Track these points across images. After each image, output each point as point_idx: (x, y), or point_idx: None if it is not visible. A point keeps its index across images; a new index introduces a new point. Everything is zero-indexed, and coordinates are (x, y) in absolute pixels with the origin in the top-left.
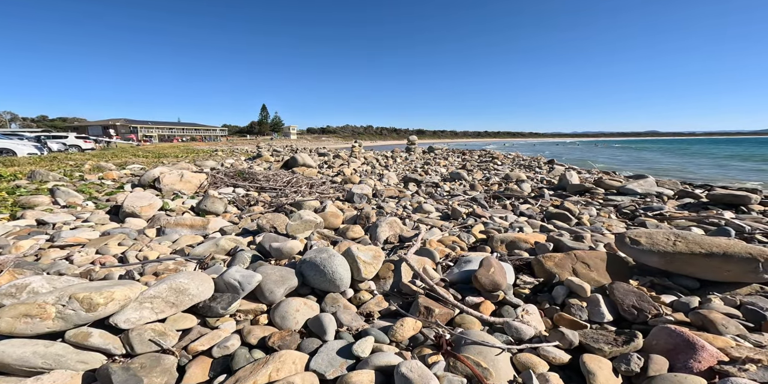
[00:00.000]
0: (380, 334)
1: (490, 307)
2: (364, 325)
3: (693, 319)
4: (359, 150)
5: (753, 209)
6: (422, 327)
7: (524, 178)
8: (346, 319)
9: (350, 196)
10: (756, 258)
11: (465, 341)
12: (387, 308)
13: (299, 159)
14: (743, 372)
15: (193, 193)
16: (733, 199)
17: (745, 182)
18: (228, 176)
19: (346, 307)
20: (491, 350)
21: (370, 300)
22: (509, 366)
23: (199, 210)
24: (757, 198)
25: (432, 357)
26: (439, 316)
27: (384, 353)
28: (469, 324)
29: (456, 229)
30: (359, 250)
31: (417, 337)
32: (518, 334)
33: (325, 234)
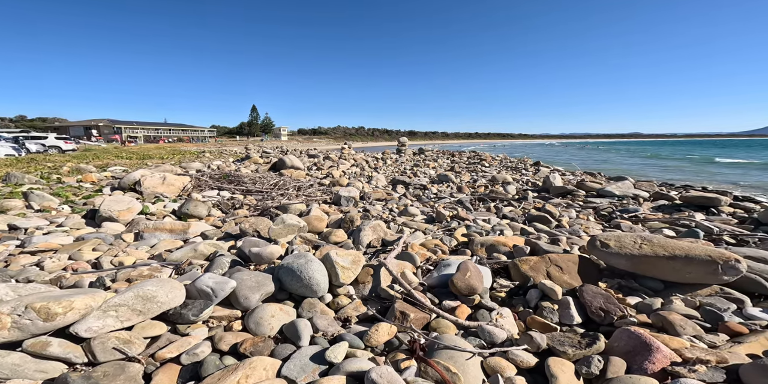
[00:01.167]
0: (355, 340)
1: (466, 310)
2: (341, 331)
3: (654, 320)
4: (349, 152)
5: (723, 211)
6: (397, 332)
7: (510, 181)
8: (322, 324)
9: (337, 199)
10: (715, 260)
11: (438, 346)
12: (365, 313)
13: (287, 161)
14: (693, 373)
15: (175, 196)
16: (705, 200)
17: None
18: (213, 179)
19: (324, 312)
20: (463, 354)
21: (348, 305)
22: (479, 370)
23: (180, 214)
24: (727, 200)
25: (405, 362)
26: (415, 320)
27: (357, 359)
28: (445, 328)
29: (439, 233)
30: (338, 255)
31: (392, 341)
32: (491, 337)
33: (307, 238)
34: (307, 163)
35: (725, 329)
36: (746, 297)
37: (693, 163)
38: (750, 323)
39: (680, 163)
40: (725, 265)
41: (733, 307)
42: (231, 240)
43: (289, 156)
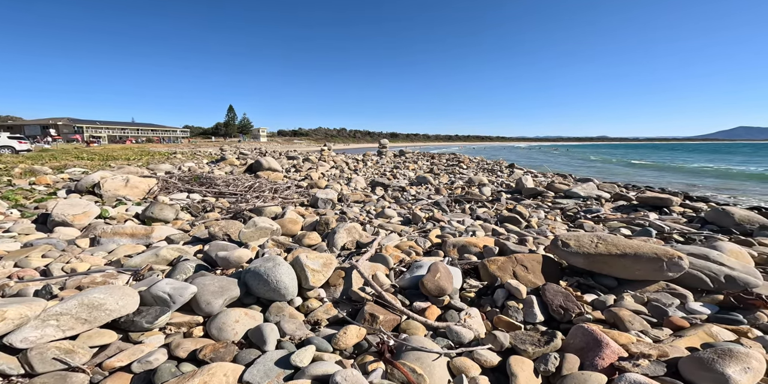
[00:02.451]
0: (323, 343)
1: (436, 311)
2: (309, 334)
3: (606, 316)
4: (329, 154)
5: (674, 210)
6: (367, 334)
7: (486, 182)
8: (289, 328)
9: (315, 201)
10: (661, 257)
11: (405, 347)
12: (335, 316)
13: (264, 163)
14: (636, 367)
15: (140, 199)
16: (658, 201)
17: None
18: (183, 181)
19: (292, 316)
20: (430, 355)
21: (318, 308)
22: (445, 370)
23: (145, 217)
24: (678, 200)
25: (372, 364)
26: (385, 322)
27: (323, 362)
28: (414, 329)
29: (415, 234)
30: (308, 258)
31: (361, 344)
32: (459, 338)
33: (280, 241)
34: (285, 164)
35: (669, 324)
36: (689, 292)
37: (615, 164)
38: (691, 317)
39: (607, 165)
40: (669, 262)
41: (677, 302)
42: (199, 244)
43: (267, 158)
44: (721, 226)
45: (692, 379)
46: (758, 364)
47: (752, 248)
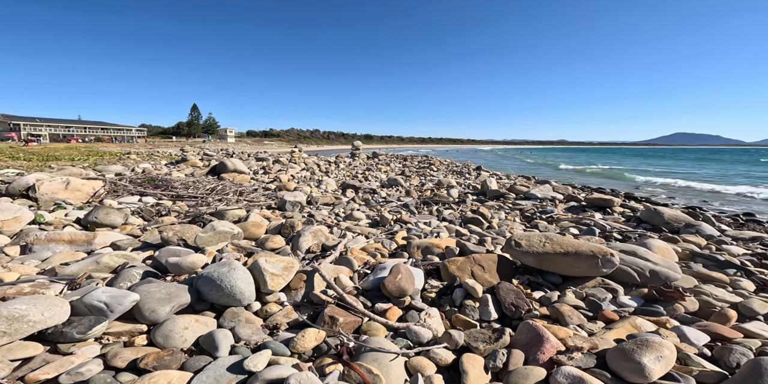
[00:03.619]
0: (280, 347)
1: (398, 312)
2: (266, 339)
3: (551, 312)
4: (299, 155)
5: (615, 210)
6: (327, 336)
7: (454, 184)
8: (245, 333)
9: (282, 204)
10: (596, 255)
11: (364, 349)
12: (296, 319)
13: (229, 164)
14: (570, 360)
15: (83, 203)
16: (602, 202)
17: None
18: (135, 183)
19: (249, 320)
20: (388, 356)
21: (278, 312)
22: (402, 370)
23: (88, 223)
24: (618, 201)
25: (330, 366)
26: (345, 324)
27: (278, 366)
28: (375, 331)
29: (382, 236)
30: (267, 261)
31: (321, 347)
32: (417, 337)
33: (241, 245)
34: (254, 166)
35: (602, 317)
36: (620, 286)
37: (544, 166)
38: (621, 310)
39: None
40: (603, 259)
41: (610, 296)
42: (150, 250)
43: (233, 159)
44: (653, 224)
45: (616, 369)
46: (669, 352)
47: (677, 245)
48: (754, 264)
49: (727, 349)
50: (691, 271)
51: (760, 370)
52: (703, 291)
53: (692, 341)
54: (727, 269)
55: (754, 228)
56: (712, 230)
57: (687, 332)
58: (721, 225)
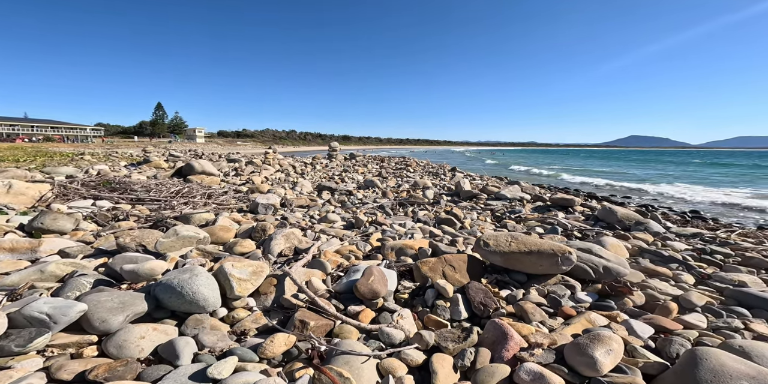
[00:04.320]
0: (248, 353)
1: (370, 314)
2: (233, 345)
3: (516, 309)
4: (274, 156)
5: (576, 210)
6: (297, 341)
7: (430, 185)
8: (210, 340)
9: (254, 207)
10: (556, 253)
11: (335, 352)
12: (265, 325)
13: (197, 166)
14: (532, 356)
15: (28, 207)
16: (565, 201)
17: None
18: (88, 186)
19: (214, 327)
20: (359, 358)
21: (246, 317)
22: (374, 372)
23: (33, 229)
24: (579, 200)
25: (300, 371)
26: (316, 328)
27: (245, 373)
28: (347, 333)
29: (357, 238)
30: (234, 266)
31: (291, 351)
32: (390, 339)
33: (207, 250)
34: (225, 168)
35: (562, 313)
36: (578, 283)
37: (497, 166)
38: (578, 306)
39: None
40: (563, 257)
41: (569, 293)
42: (104, 257)
43: (201, 160)
44: (609, 222)
45: (572, 363)
46: (618, 346)
47: (628, 241)
48: (694, 258)
49: (668, 341)
50: (640, 266)
51: (695, 359)
52: (649, 285)
53: (638, 334)
54: (670, 264)
55: (697, 224)
56: (659, 227)
57: (634, 325)
58: (666, 222)
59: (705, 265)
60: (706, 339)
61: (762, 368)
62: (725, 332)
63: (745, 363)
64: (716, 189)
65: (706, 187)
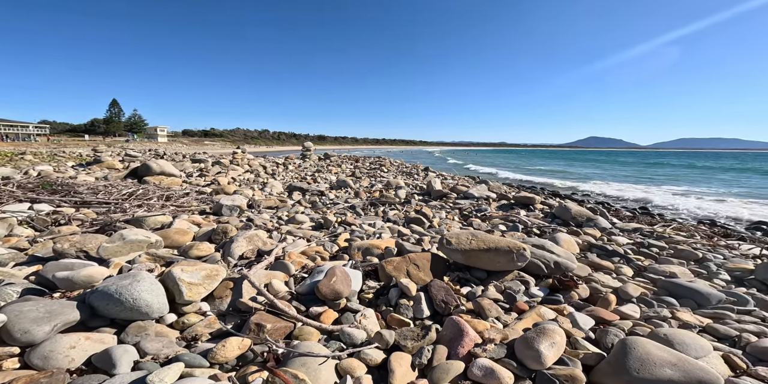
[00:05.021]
0: (196, 358)
1: (333, 315)
2: (181, 351)
3: (474, 306)
4: (243, 156)
5: (536, 207)
6: (254, 344)
7: (402, 185)
8: (153, 347)
9: (218, 209)
10: (512, 250)
11: (293, 354)
12: (219, 329)
13: (155, 166)
14: (484, 352)
15: None
16: (527, 200)
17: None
18: (25, 188)
19: (160, 334)
20: (317, 360)
21: (198, 322)
22: (332, 373)
23: None
24: (539, 199)
25: (254, 374)
26: (275, 330)
27: (192, 379)
28: (308, 335)
29: (325, 239)
30: (183, 271)
31: (246, 355)
32: (351, 339)
33: (158, 254)
34: (189, 168)
35: (516, 308)
36: (532, 278)
37: (457, 167)
38: (531, 301)
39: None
40: (518, 254)
41: (523, 288)
42: (39, 264)
43: (160, 160)
44: (564, 219)
45: (521, 357)
46: (560, 338)
47: (579, 237)
48: (634, 252)
49: (605, 332)
50: (587, 260)
51: (626, 349)
52: (593, 278)
53: (581, 326)
54: (613, 257)
55: (641, 220)
56: (606, 223)
57: (578, 317)
58: (613, 218)
59: (643, 258)
60: (638, 328)
61: (682, 355)
62: (655, 321)
63: (668, 351)
64: (646, 186)
65: (645, 185)
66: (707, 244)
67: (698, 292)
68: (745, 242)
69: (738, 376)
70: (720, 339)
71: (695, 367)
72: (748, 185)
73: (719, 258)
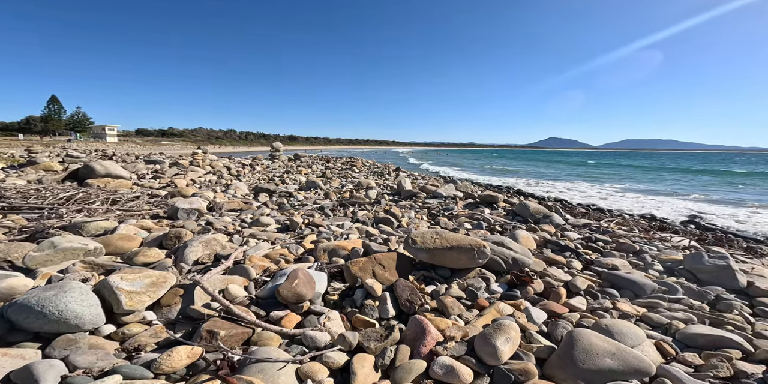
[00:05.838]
0: (138, 370)
1: (296, 318)
2: (119, 363)
3: (438, 304)
4: (204, 157)
5: (499, 206)
6: (206, 352)
7: (373, 186)
8: (86, 360)
9: (174, 212)
10: (473, 247)
11: (249, 360)
12: (167, 338)
13: (98, 168)
14: (445, 350)
15: None
16: (491, 198)
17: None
18: None
19: (95, 346)
20: (276, 365)
21: (142, 332)
22: (292, 378)
23: None
24: (502, 197)
25: (206, 383)
26: (230, 337)
27: None
28: (267, 340)
29: (291, 241)
30: (123, 279)
31: (198, 364)
32: (314, 342)
33: (96, 263)
34: (142, 170)
35: (477, 305)
36: (492, 275)
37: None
38: (491, 297)
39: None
40: (479, 251)
41: (484, 285)
42: None
43: (106, 162)
44: (524, 216)
45: (480, 354)
46: (515, 333)
47: (536, 233)
48: (583, 246)
49: (555, 325)
50: (543, 255)
51: (572, 340)
52: (547, 273)
53: (535, 320)
54: (565, 252)
55: (592, 216)
56: (560, 220)
57: (532, 312)
58: (566, 215)
59: (590, 252)
60: (584, 320)
61: (620, 345)
62: (599, 313)
63: (608, 341)
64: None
65: (600, 183)
66: (644, 237)
67: (635, 283)
68: (677, 235)
69: (668, 362)
70: (654, 327)
71: (631, 356)
72: (685, 183)
73: (654, 250)
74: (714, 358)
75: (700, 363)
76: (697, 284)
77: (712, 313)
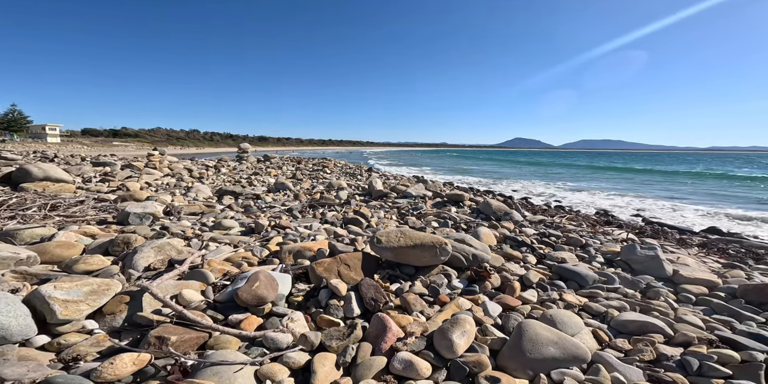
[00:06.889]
0: (75, 379)
1: (256, 321)
2: (54, 373)
3: (401, 302)
4: (161, 159)
5: (465, 204)
6: (156, 358)
7: (345, 186)
8: (15, 372)
9: (124, 217)
10: (435, 245)
11: (203, 364)
12: (111, 346)
13: (35, 171)
14: (405, 345)
15: None
16: (457, 197)
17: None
18: None
19: (25, 357)
20: (232, 368)
21: (81, 342)
22: (251, 380)
23: None
24: (468, 196)
25: None
26: (183, 342)
27: None
28: (225, 344)
29: (256, 244)
30: (57, 288)
31: (147, 370)
32: (275, 344)
33: (29, 272)
34: (88, 173)
35: (439, 301)
36: (454, 271)
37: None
38: (452, 293)
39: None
40: (440, 248)
41: (446, 281)
42: None
43: (44, 164)
44: (487, 214)
45: (438, 348)
46: (471, 327)
47: (497, 230)
48: (538, 241)
49: (508, 317)
50: (502, 251)
51: (521, 331)
52: (504, 268)
53: (491, 313)
54: (522, 247)
55: (548, 212)
56: (519, 216)
57: (489, 306)
58: (525, 212)
59: (544, 246)
60: (534, 312)
61: (562, 334)
62: (548, 304)
63: (551, 330)
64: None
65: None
66: (590, 231)
67: (579, 275)
68: (621, 229)
69: (603, 349)
70: (594, 316)
71: (570, 344)
72: (633, 181)
73: (597, 243)
74: (640, 342)
75: (629, 348)
76: (631, 274)
77: (642, 300)
